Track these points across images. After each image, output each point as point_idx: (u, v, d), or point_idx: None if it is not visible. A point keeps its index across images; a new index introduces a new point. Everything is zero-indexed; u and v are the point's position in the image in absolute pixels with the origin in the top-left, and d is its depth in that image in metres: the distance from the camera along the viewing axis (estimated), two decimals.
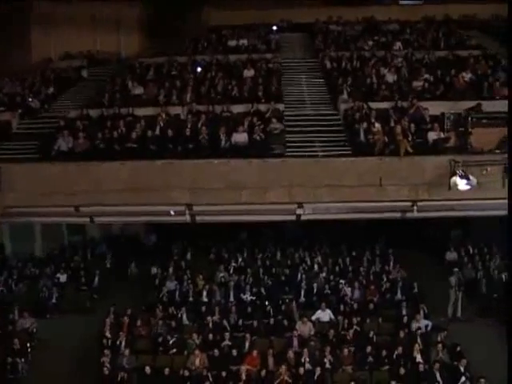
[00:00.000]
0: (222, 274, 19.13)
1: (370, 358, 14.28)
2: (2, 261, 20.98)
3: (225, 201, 13.07)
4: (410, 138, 14.46)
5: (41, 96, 18.65)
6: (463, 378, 13.19)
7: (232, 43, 23.47)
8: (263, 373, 13.60)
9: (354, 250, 21.19)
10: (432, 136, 14.54)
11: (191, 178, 13.09)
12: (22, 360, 14.91)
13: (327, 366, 14.08)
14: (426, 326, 15.88)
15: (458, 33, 23.61)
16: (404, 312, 16.46)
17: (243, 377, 13.40)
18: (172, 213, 13.76)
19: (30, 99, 18.06)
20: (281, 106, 16.67)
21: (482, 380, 12.94)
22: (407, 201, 13.29)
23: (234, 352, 14.30)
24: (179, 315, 16.56)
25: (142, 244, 22.90)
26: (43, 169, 13.43)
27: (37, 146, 15.29)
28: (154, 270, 19.75)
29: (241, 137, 14.70)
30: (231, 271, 19.67)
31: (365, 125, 14.82)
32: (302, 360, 14.03)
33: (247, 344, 14.77)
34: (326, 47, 22.10)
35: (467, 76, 18.39)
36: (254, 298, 17.91)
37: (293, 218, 14.23)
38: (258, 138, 14.68)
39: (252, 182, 13.03)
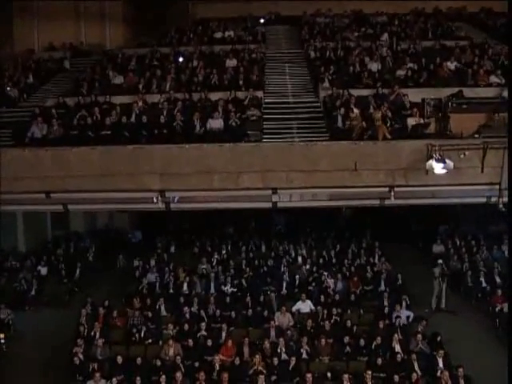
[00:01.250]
0: (203, 266, 18.88)
1: (348, 349, 14.00)
2: None
3: (196, 186, 12.78)
4: (388, 124, 14.18)
5: (20, 86, 18.40)
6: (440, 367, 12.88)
7: (218, 35, 23.21)
8: (237, 362, 13.31)
9: (339, 243, 20.95)
10: (411, 122, 14.26)
11: (162, 163, 12.80)
12: None
13: (304, 356, 13.82)
14: (408, 317, 15.64)
15: (446, 24, 23.32)
16: (386, 303, 16.20)
17: (217, 366, 13.11)
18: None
19: (9, 88, 17.80)
20: (259, 93, 16.41)
21: (460, 369, 12.66)
22: (383, 186, 12.97)
23: (210, 342, 14.02)
24: (157, 306, 16.29)
25: (127, 240, 22.60)
26: (13, 154, 13.13)
27: (11, 133, 15.04)
28: (136, 262, 19.50)
29: (216, 123, 14.45)
30: (214, 263, 19.41)
31: (342, 110, 14.56)
32: (278, 350, 13.76)
33: (224, 334, 14.47)
34: (312, 38, 21.82)
35: (452, 65, 18.13)
36: (235, 289, 17.67)
37: (269, 205, 13.93)
38: (233, 124, 14.43)
39: (224, 166, 12.74)
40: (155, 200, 13.23)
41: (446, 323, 15.87)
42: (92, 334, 14.75)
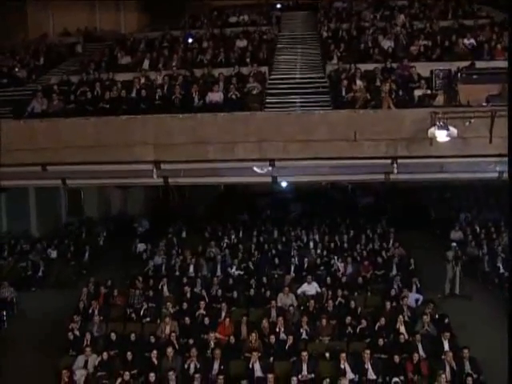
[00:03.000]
0: (212, 249, 18.52)
1: (350, 329, 13.43)
2: None
3: (191, 157, 12.42)
4: (394, 96, 13.59)
5: (29, 67, 18.41)
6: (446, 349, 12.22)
7: (233, 20, 22.90)
8: (232, 340, 12.89)
9: (354, 229, 20.32)
10: (418, 94, 13.64)
11: (156, 134, 12.48)
12: None
13: (304, 336, 13.33)
14: (417, 300, 14.98)
15: (466, 5, 22.48)
16: (395, 286, 15.57)
17: (211, 344, 12.71)
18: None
19: (17, 69, 17.81)
20: (264, 69, 15.99)
21: (466, 350, 12.00)
22: (385, 158, 12.37)
23: (207, 321, 13.63)
24: (160, 286, 16.00)
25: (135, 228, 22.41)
26: (8, 126, 13.00)
27: (11, 109, 14.98)
28: (143, 246, 19.26)
29: (216, 96, 14.10)
30: (223, 247, 19.01)
31: (345, 82, 14.04)
32: (277, 330, 13.28)
33: (223, 314, 14.07)
34: (327, 20, 21.30)
35: (468, 41, 17.38)
36: (241, 272, 17.24)
37: (269, 179, 13.47)
38: (233, 96, 14.04)
39: (219, 136, 12.34)
40: (154, 173, 12.89)
41: (459, 308, 15.23)
42: (90, 311, 14.55)
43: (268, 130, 12.32)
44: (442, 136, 11.50)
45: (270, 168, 12.87)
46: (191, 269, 17.39)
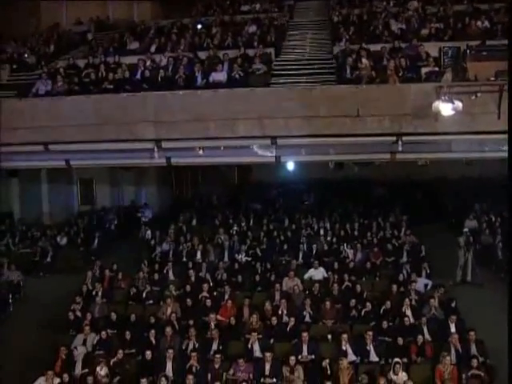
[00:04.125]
0: (220, 236, 18.31)
1: (354, 312, 13.13)
2: (9, 227, 20.87)
3: (191, 135, 12.27)
4: (401, 74, 13.25)
5: (39, 53, 18.46)
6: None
7: (244, 8, 22.69)
8: (233, 322, 12.68)
9: (365, 218, 19.93)
10: (425, 71, 13.26)
11: (156, 111, 12.36)
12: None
13: (307, 319, 13.06)
14: (426, 285, 14.60)
15: None
16: (404, 272, 15.21)
17: (212, 325, 12.51)
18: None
19: (26, 55, 17.88)
20: (270, 50, 15.76)
21: (472, 333, 11.63)
22: (390, 134, 12.05)
23: (209, 303, 13.44)
24: (165, 271, 15.88)
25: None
26: (9, 105, 13.01)
27: (16, 92, 14.99)
28: (150, 233, 19.14)
29: (219, 75, 13.90)
30: (232, 234, 18.78)
31: (350, 60, 13.74)
32: (280, 312, 13.04)
33: (226, 297, 13.88)
34: (339, 6, 20.95)
35: (482, 24, 16.91)
36: (249, 258, 17.00)
37: (272, 159, 13.25)
38: (237, 76, 13.84)
39: (219, 113, 12.17)
40: (155, 152, 12.77)
41: (470, 294, 14.81)
42: (94, 293, 14.48)
43: (268, 106, 12.11)
44: (446, 110, 11.18)
45: (274, 147, 12.68)
46: (198, 255, 17.21)
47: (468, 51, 13.15)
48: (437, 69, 13.15)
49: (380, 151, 12.91)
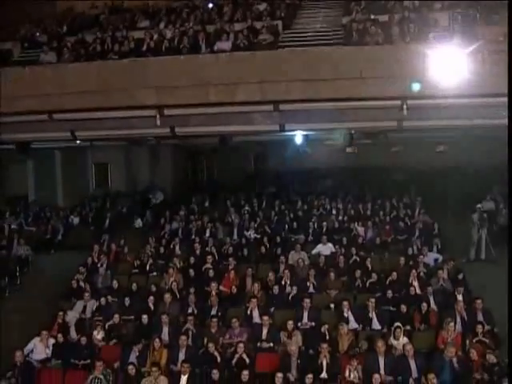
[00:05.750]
0: (231, 215, 18.14)
1: (359, 282, 12.82)
2: (23, 208, 21.03)
3: (192, 100, 12.09)
4: (408, 40, 12.90)
5: (51, 33, 18.52)
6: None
7: None
8: (234, 291, 12.49)
9: (380, 198, 19.52)
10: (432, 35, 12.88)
11: (157, 76, 12.18)
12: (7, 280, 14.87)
13: (310, 290, 12.79)
14: (436, 260, 14.19)
15: None
16: (414, 246, 14.84)
17: (212, 294, 12.32)
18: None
19: (38, 34, 17.97)
20: (278, 22, 15.50)
21: (478, 301, 11.24)
22: (395, 98, 11.71)
23: (212, 273, 13.27)
24: (172, 246, 15.77)
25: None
26: (12, 73, 13.02)
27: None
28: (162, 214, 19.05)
29: (224, 45, 13.70)
30: (243, 214, 18.58)
31: (356, 26, 13.44)
32: (283, 282, 12.79)
33: (230, 268, 13.68)
34: None
35: None
36: (258, 236, 16.74)
37: (276, 127, 13.01)
38: (241, 45, 13.65)
39: (220, 78, 11.96)
40: (157, 119, 12.66)
41: (482, 272, 14.31)
42: (99, 265, 14.46)
43: (269, 69, 11.87)
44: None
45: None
46: (208, 233, 17.05)
47: (478, 15, 12.74)
48: (446, 33, 12.75)
49: (387, 119, 12.54)
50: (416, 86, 11.45)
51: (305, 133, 15.13)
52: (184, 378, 9.23)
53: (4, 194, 21.98)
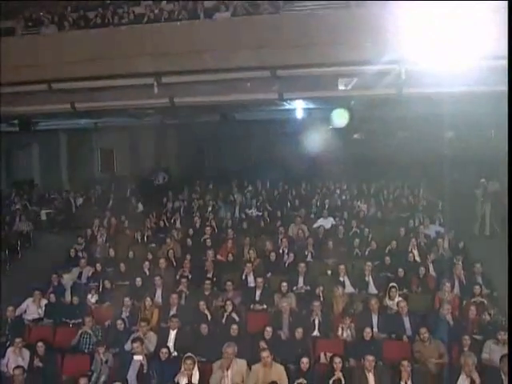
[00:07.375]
0: (234, 195, 18.07)
1: (357, 251, 12.67)
2: (29, 191, 21.12)
3: (188, 67, 11.99)
4: None
5: (55, 13, 18.59)
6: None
7: None
8: (231, 258, 12.40)
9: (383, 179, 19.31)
10: None
11: (153, 43, 12.05)
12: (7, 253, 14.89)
13: (308, 259, 12.65)
14: (438, 233, 13.97)
15: None
16: (416, 220, 14.65)
17: (208, 260, 12.24)
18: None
19: (42, 13, 18.04)
20: None
21: (478, 265, 11.06)
22: (393, 62, 11.50)
23: (210, 243, 13.19)
24: (172, 220, 15.72)
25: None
26: (10, 42, 13.02)
27: None
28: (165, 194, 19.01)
29: (223, 15, 13.64)
30: (246, 193, 18.49)
31: None
32: (280, 251, 12.68)
33: (228, 237, 13.60)
34: None
35: None
36: (259, 213, 16.64)
37: (275, 95, 12.88)
38: (240, 14, 13.57)
39: (216, 43, 11.86)
40: (155, 87, 12.59)
41: (486, 247, 14.04)
42: (98, 237, 14.45)
43: (266, 34, 11.74)
44: None
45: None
46: (209, 210, 16.98)
47: None
48: None
49: (386, 86, 12.33)
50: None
51: (305, 106, 15.07)
52: (173, 333, 9.12)
53: (10, 178, 22.09)
